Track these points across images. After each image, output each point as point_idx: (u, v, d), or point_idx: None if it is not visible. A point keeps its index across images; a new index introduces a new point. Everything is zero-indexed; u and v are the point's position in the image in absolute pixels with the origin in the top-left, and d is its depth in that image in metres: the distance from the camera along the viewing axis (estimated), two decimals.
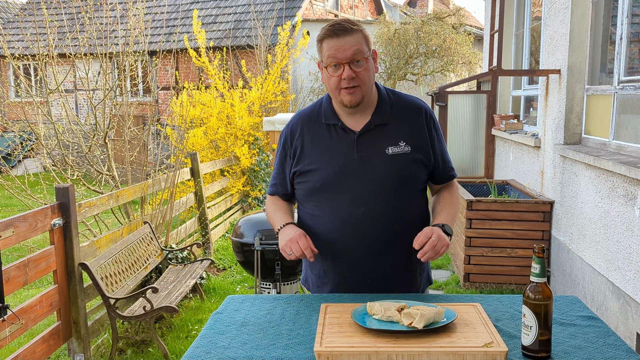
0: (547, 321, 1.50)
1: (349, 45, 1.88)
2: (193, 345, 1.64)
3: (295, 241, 1.90)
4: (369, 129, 1.99)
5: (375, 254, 2.00)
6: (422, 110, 2.07)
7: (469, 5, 77.93)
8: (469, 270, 5.26)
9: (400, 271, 2.06)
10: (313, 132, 2.04)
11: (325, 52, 1.91)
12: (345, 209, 1.98)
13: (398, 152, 1.98)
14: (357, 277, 2.03)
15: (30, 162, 12.59)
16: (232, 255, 6.55)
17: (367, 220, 1.97)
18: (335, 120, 2.01)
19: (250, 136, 8.86)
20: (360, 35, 1.91)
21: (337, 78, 1.91)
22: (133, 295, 4.10)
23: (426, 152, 2.03)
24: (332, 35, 1.89)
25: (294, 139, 2.07)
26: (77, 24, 6.93)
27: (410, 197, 2.03)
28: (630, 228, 3.50)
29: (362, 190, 1.97)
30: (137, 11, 6.90)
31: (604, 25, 4.58)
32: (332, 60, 1.89)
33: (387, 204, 1.98)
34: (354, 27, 1.91)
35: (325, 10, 16.57)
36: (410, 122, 2.03)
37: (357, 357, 1.50)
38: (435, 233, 1.87)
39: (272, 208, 2.16)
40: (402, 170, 1.98)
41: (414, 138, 2.00)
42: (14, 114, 10.05)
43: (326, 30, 1.92)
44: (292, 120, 2.12)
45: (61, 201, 3.70)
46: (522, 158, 6.07)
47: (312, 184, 2.02)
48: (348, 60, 1.88)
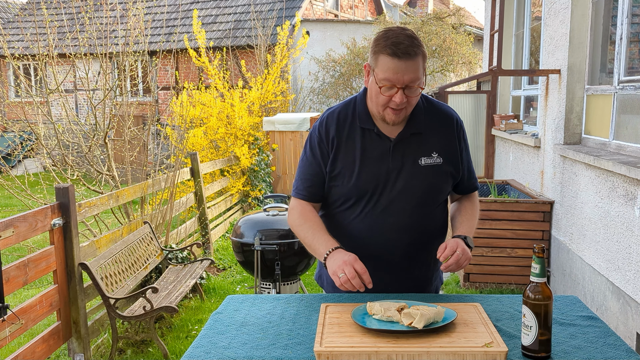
0: (547, 321, 1.50)
1: (409, 70, 1.80)
2: (193, 345, 1.64)
3: (350, 264, 1.76)
4: (404, 138, 1.95)
5: (398, 261, 1.99)
6: (454, 120, 2.05)
7: (469, 5, 77.94)
8: (469, 270, 5.26)
9: (420, 278, 2.06)
10: (347, 134, 1.98)
11: (381, 71, 1.82)
12: (375, 217, 1.95)
13: (430, 164, 1.95)
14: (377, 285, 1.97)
15: (30, 162, 12.59)
16: (232, 255, 6.55)
17: (395, 230, 1.95)
18: (371, 125, 1.96)
19: (250, 136, 8.86)
20: (420, 58, 1.82)
21: (387, 98, 1.84)
22: (133, 295, 4.09)
23: (456, 164, 2.01)
24: (393, 56, 1.79)
25: (329, 138, 1.99)
26: (77, 24, 6.94)
27: (435, 207, 2.02)
28: (630, 228, 3.50)
29: (392, 200, 1.94)
30: (137, 11, 6.90)
31: (604, 25, 4.58)
32: (388, 83, 1.82)
33: (415, 215, 1.96)
34: (417, 50, 1.80)
35: (325, 10, 16.57)
36: (443, 132, 2.00)
37: (357, 357, 1.50)
38: (460, 246, 1.85)
39: (308, 225, 1.98)
40: (433, 182, 1.96)
41: (445, 150, 1.99)
42: (14, 114, 10.06)
43: (388, 47, 1.80)
44: (325, 118, 2.03)
45: (61, 201, 3.70)
46: (522, 158, 6.07)
47: (344, 189, 1.97)
48: (403, 85, 1.81)
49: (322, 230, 1.95)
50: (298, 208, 2.03)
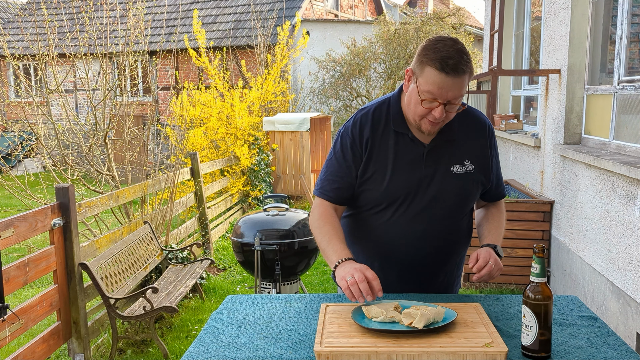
0: (547, 321, 1.49)
1: (454, 88, 1.75)
2: (193, 345, 1.64)
3: (360, 271, 1.70)
4: (438, 144, 1.92)
5: (423, 269, 1.99)
6: (487, 127, 2.02)
7: (469, 5, 77.92)
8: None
9: (443, 284, 2.07)
10: (381, 136, 1.93)
11: (426, 83, 1.76)
12: (404, 224, 1.92)
13: (463, 172, 1.93)
14: (401, 288, 1.99)
15: (30, 162, 12.59)
16: (232, 255, 6.55)
17: (423, 238, 1.93)
18: (405, 130, 1.91)
19: (250, 136, 8.86)
20: (467, 76, 1.77)
21: (426, 110, 1.80)
22: (133, 295, 4.09)
23: (487, 173, 1.99)
24: (442, 71, 1.73)
25: (362, 140, 1.93)
26: (77, 24, 6.93)
27: (463, 215, 2.01)
28: (630, 228, 3.50)
29: (424, 207, 1.91)
30: (137, 11, 6.90)
31: (604, 25, 4.58)
32: (431, 96, 1.77)
33: (444, 223, 1.95)
34: (466, 68, 1.75)
35: (325, 10, 16.57)
36: (475, 140, 1.98)
37: (357, 357, 1.50)
38: (493, 257, 1.85)
39: (325, 230, 1.91)
40: (464, 190, 1.94)
41: (478, 157, 1.96)
42: (14, 114, 10.06)
43: (439, 60, 1.73)
44: (358, 119, 1.96)
45: (61, 201, 3.70)
46: (522, 158, 6.07)
47: (375, 193, 1.92)
48: (446, 101, 1.77)
49: (338, 238, 1.89)
50: (320, 209, 1.97)
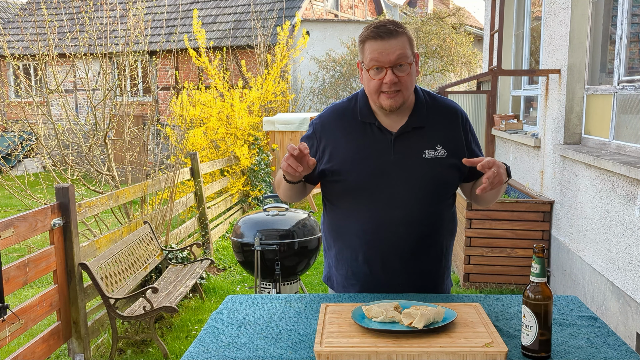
0: (547, 321, 1.50)
1: (394, 49, 1.82)
2: (193, 345, 1.64)
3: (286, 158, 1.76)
4: (406, 131, 1.95)
5: (407, 257, 1.98)
6: (459, 113, 2.04)
7: (469, 5, 77.94)
8: (469, 270, 5.26)
9: (431, 274, 2.05)
10: (347, 129, 1.99)
11: (368, 54, 1.85)
12: (380, 211, 1.94)
13: (434, 156, 1.94)
14: (387, 279, 2.00)
15: (30, 162, 12.59)
16: (232, 255, 6.55)
17: (401, 223, 1.94)
18: (372, 119, 1.96)
19: (250, 136, 8.86)
20: (405, 38, 1.85)
21: (378, 81, 1.85)
22: (133, 295, 4.10)
23: (462, 157, 1.99)
24: (377, 38, 1.82)
25: (324, 132, 2.01)
26: (77, 24, 6.93)
27: (443, 201, 2.01)
28: (630, 228, 3.50)
29: (397, 192, 1.93)
30: (137, 11, 6.90)
31: (604, 25, 4.58)
32: (375, 63, 1.83)
33: (421, 208, 1.95)
34: (399, 29, 1.84)
35: (325, 10, 16.57)
36: (447, 126, 2.00)
37: (357, 357, 1.50)
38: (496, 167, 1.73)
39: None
40: (438, 175, 1.95)
41: (450, 142, 1.97)
42: (14, 114, 10.06)
43: (370, 31, 1.85)
44: (325, 113, 2.05)
45: (61, 201, 3.70)
46: (522, 158, 6.07)
47: (347, 184, 1.97)
48: (391, 64, 1.82)
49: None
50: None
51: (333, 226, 2.05)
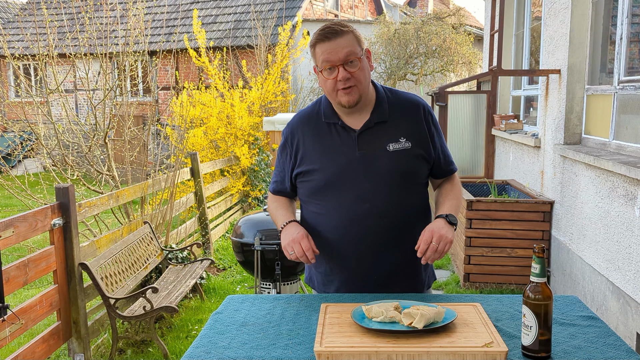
0: (547, 321, 1.50)
1: (341, 47, 1.91)
2: (193, 345, 1.64)
3: (297, 242, 1.93)
4: (369, 127, 2.01)
5: (381, 250, 2.02)
6: (420, 106, 2.10)
7: (469, 5, 77.93)
8: (469, 270, 5.26)
9: (406, 266, 2.08)
10: (314, 131, 2.07)
11: (319, 56, 1.94)
12: (350, 206, 2.00)
13: (399, 149, 2.00)
14: (363, 273, 2.05)
15: (30, 162, 12.59)
16: (232, 255, 6.55)
17: (371, 216, 1.99)
18: (335, 119, 2.04)
19: (250, 136, 8.86)
20: (351, 35, 1.94)
21: (333, 80, 1.94)
22: (133, 295, 4.10)
23: (426, 147, 2.06)
24: (324, 39, 1.92)
25: (294, 139, 2.10)
26: (77, 24, 6.93)
27: (413, 192, 2.06)
28: (630, 228, 3.50)
29: (365, 187, 1.99)
30: (137, 11, 6.89)
31: (604, 25, 4.58)
32: (327, 63, 1.92)
33: (390, 200, 2.00)
34: (343, 28, 1.94)
35: (325, 10, 16.57)
36: (409, 118, 2.06)
37: (357, 357, 1.50)
38: (436, 235, 1.88)
39: (273, 205, 2.20)
40: (404, 166, 2.01)
41: (414, 134, 2.03)
42: (14, 114, 10.06)
43: (317, 35, 1.95)
44: (292, 121, 2.15)
45: (61, 201, 3.70)
46: (522, 158, 6.07)
47: (315, 183, 2.04)
48: (341, 61, 1.91)
49: (283, 207, 2.16)
50: (271, 197, 2.26)
51: (308, 226, 2.10)
